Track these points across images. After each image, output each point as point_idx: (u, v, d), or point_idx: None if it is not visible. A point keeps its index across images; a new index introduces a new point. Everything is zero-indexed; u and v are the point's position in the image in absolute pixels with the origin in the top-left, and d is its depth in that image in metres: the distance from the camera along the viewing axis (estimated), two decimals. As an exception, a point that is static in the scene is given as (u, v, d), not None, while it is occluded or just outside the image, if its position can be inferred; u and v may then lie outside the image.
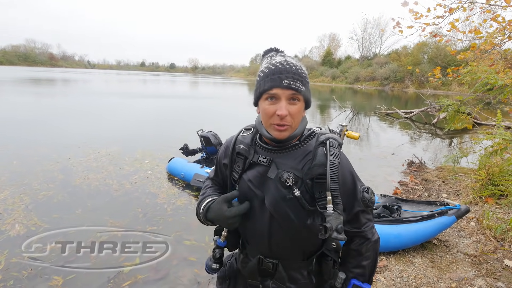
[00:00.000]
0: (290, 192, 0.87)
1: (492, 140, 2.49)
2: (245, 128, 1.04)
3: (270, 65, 0.85)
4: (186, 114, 11.32)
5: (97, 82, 31.40)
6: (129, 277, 2.34)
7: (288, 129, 0.85)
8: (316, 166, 0.85)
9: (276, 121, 0.83)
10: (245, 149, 0.96)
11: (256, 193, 0.92)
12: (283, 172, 0.88)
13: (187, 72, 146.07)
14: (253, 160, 0.94)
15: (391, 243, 2.57)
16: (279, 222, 0.90)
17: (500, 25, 3.99)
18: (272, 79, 0.82)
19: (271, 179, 0.90)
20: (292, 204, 0.87)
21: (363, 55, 55.58)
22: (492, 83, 2.47)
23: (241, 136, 1.01)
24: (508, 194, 3.15)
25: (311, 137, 0.94)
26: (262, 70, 0.87)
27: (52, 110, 10.39)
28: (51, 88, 20.11)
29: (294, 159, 0.90)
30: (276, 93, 0.81)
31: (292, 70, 0.82)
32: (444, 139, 8.76)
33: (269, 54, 0.91)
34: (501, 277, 2.30)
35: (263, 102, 0.85)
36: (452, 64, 12.68)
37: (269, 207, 0.90)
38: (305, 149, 0.91)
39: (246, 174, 0.95)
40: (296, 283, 0.96)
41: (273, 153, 0.92)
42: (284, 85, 0.80)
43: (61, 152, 5.46)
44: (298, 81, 0.82)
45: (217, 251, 1.03)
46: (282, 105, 0.81)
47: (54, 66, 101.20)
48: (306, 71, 0.87)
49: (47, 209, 3.36)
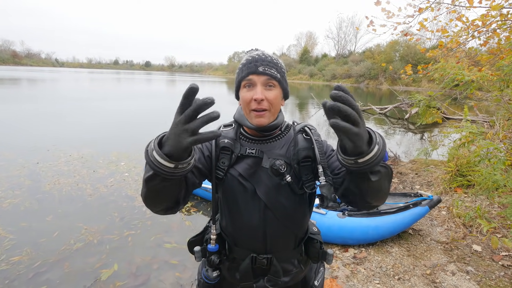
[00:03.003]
0: (282, 179, 0.91)
1: (460, 134, 2.64)
2: (223, 124, 1.02)
3: (249, 57, 0.91)
4: (163, 114, 11.01)
5: (66, 81, 29.74)
6: (107, 284, 2.24)
7: (267, 114, 0.88)
8: (300, 150, 0.93)
9: (254, 106, 0.86)
10: (230, 143, 0.94)
11: (246, 187, 0.92)
12: (275, 160, 0.92)
13: (164, 71, 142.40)
14: (241, 153, 0.94)
15: (370, 235, 2.65)
16: (273, 211, 0.92)
17: (465, 25, 4.23)
18: (249, 67, 0.87)
19: (263, 170, 0.92)
20: (284, 190, 0.92)
21: (339, 53, 57.03)
22: (459, 79, 2.61)
23: (221, 131, 0.96)
24: (475, 184, 3.36)
25: (289, 129, 1.01)
26: (241, 63, 0.92)
27: (16, 112, 9.69)
28: (15, 88, 18.77)
29: (280, 148, 0.95)
30: (252, 78, 0.86)
31: (267, 59, 0.88)
32: (416, 133, 9.20)
33: (249, 51, 0.96)
34: (470, 261, 2.45)
35: (242, 91, 0.90)
36: (422, 62, 13.30)
37: (263, 197, 0.92)
38: (287, 138, 0.98)
39: (233, 168, 0.93)
40: (289, 274, 0.99)
41: (259, 143, 0.95)
42: (259, 71, 0.86)
43: (28, 156, 5.11)
44: (273, 68, 0.88)
45: (213, 257, 0.97)
46: (258, 90, 0.86)
47: (18, 64, 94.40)
48: (283, 64, 0.93)
49: (13, 217, 3.13)
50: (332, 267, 2.41)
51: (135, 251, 2.68)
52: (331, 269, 2.40)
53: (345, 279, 2.27)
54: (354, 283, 2.22)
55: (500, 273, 2.27)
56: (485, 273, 2.29)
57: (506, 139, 3.62)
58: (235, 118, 1.00)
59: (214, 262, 0.97)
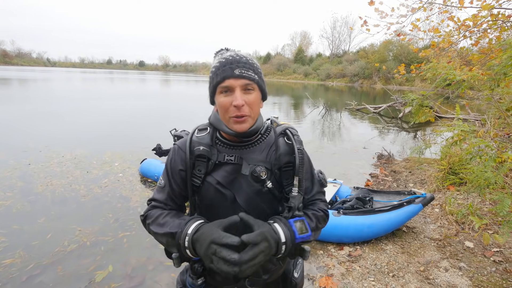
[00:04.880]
0: (263, 186, 0.89)
1: (452, 132, 2.67)
2: (197, 129, 0.96)
3: (221, 59, 0.84)
4: (157, 114, 10.93)
5: (58, 81, 29.31)
6: (101, 286, 2.22)
7: (248, 120, 0.83)
8: (281, 155, 0.90)
9: (234, 113, 0.81)
10: (206, 150, 0.89)
11: (225, 194, 0.89)
12: (255, 167, 0.88)
13: (158, 70, 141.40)
14: (219, 160, 0.89)
15: (364, 233, 2.68)
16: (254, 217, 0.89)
17: (456, 25, 4.30)
18: (224, 70, 0.81)
19: (242, 177, 0.89)
20: (265, 196, 0.90)
21: (333, 53, 57.31)
22: (451, 78, 2.65)
23: (195, 137, 0.93)
24: (467, 181, 3.42)
25: (269, 130, 0.97)
26: (213, 66, 0.85)
27: (7, 112, 9.52)
28: (6, 88, 18.44)
29: (261, 153, 0.91)
30: (230, 84, 0.80)
31: (242, 60, 0.82)
32: (410, 132, 9.30)
33: (220, 52, 0.90)
34: (463, 257, 2.49)
35: (218, 96, 0.84)
36: (415, 61, 13.46)
37: (243, 204, 0.89)
38: (267, 141, 0.94)
39: (211, 176, 0.90)
40: (269, 272, 0.98)
41: (239, 149, 0.91)
42: (236, 74, 0.80)
43: (19, 157, 5.02)
44: (250, 70, 0.82)
45: (196, 266, 0.95)
46: (237, 95, 0.80)
47: (8, 64, 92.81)
48: (258, 64, 0.88)
49: (5, 220, 3.08)
50: (327, 265, 2.43)
51: (130, 252, 2.66)
52: (327, 267, 2.41)
53: (341, 277, 2.29)
54: (349, 281, 2.24)
55: (492, 269, 2.31)
56: (477, 269, 2.33)
57: (497, 137, 3.69)
58: (211, 122, 0.93)
59: (198, 271, 0.95)
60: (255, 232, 0.76)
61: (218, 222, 0.80)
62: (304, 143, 0.97)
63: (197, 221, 0.83)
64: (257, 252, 0.74)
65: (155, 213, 0.93)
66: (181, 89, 27.95)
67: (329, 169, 5.13)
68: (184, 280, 1.02)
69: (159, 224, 0.89)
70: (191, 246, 0.79)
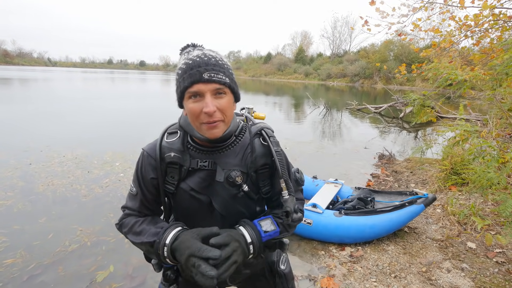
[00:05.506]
0: (239, 190, 0.87)
1: (454, 132, 2.66)
2: (167, 132, 0.91)
3: (188, 60, 0.76)
4: (158, 114, 10.94)
5: (59, 81, 29.35)
6: (102, 286, 2.21)
7: (220, 125, 0.78)
8: (257, 157, 0.89)
9: (205, 119, 0.76)
10: (178, 157, 0.85)
11: (201, 199, 0.88)
12: (230, 172, 0.85)
13: (158, 70, 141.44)
14: (192, 166, 0.85)
15: (366, 234, 2.67)
16: (230, 221, 0.89)
17: (458, 24, 4.29)
18: (191, 74, 0.73)
19: (217, 182, 0.86)
20: (241, 199, 0.89)
21: (334, 53, 57.29)
22: (453, 78, 2.64)
23: (165, 142, 0.89)
24: (469, 182, 3.41)
25: (244, 131, 0.92)
26: (179, 67, 0.78)
27: (8, 112, 9.53)
28: (6, 88, 18.46)
29: (235, 156, 0.88)
30: (198, 89, 0.74)
31: (211, 62, 0.75)
32: (411, 132, 9.29)
33: (186, 50, 0.83)
34: (465, 258, 2.48)
35: (187, 102, 0.77)
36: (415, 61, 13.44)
37: (219, 209, 0.88)
38: (242, 143, 0.90)
39: (184, 183, 0.87)
40: (250, 266, 0.97)
41: (212, 154, 0.86)
42: (205, 78, 0.73)
43: (20, 157, 5.02)
44: (220, 73, 0.75)
45: (169, 272, 0.94)
46: (208, 101, 0.73)
47: (9, 63, 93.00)
48: (228, 62, 0.81)
49: (6, 219, 3.08)
50: (329, 266, 2.43)
51: (131, 252, 2.65)
52: (328, 267, 2.41)
53: (342, 277, 2.29)
54: (351, 282, 2.23)
55: (494, 270, 2.30)
56: (480, 270, 2.32)
57: (499, 137, 3.68)
58: (182, 125, 0.88)
59: (171, 278, 0.94)
60: (222, 235, 0.78)
61: (196, 231, 0.79)
62: (305, 143, 0.97)
63: (175, 229, 0.82)
64: (229, 251, 0.75)
65: (129, 222, 0.89)
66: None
67: (330, 169, 5.12)
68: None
69: (135, 232, 0.87)
70: (170, 256, 0.79)
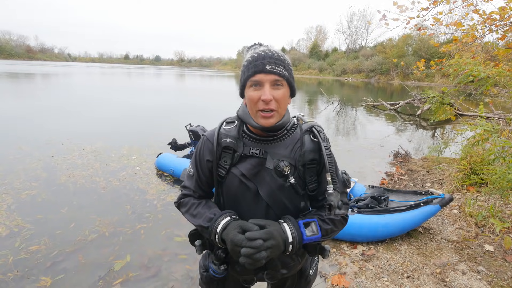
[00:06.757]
0: (286, 181, 0.91)
1: (474, 131, 2.57)
2: (226, 121, 1.00)
3: (254, 53, 0.86)
4: (173, 109, 11.12)
5: (79, 76, 30.28)
6: (120, 275, 2.31)
7: (275, 115, 0.85)
8: (306, 152, 0.92)
9: (261, 107, 0.83)
10: (233, 142, 0.93)
11: (249, 186, 0.93)
12: (279, 162, 0.90)
13: (173, 65, 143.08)
14: (244, 153, 0.92)
15: (379, 232, 2.64)
16: (275, 211, 0.93)
17: (482, 18, 4.09)
18: (255, 65, 0.83)
19: (266, 170, 0.91)
20: (287, 191, 0.92)
21: (349, 48, 56.01)
22: (475, 75, 2.54)
23: (223, 129, 0.97)
24: (489, 183, 3.29)
25: (295, 127, 0.98)
26: (245, 60, 0.88)
27: (32, 106, 9.96)
28: (30, 83, 19.24)
29: (285, 148, 0.93)
30: (260, 79, 0.82)
31: (274, 56, 0.84)
32: (428, 130, 9.01)
33: (253, 47, 0.93)
34: (482, 261, 2.42)
35: (248, 90, 0.86)
36: (435, 57, 12.94)
37: (265, 197, 0.92)
38: (292, 137, 0.95)
39: (236, 168, 0.93)
40: (287, 267, 1.00)
41: (264, 143, 0.93)
42: (266, 69, 0.81)
43: (43, 149, 5.27)
44: (281, 66, 0.84)
45: (219, 251, 0.98)
46: (266, 90, 0.82)
47: (32, 59, 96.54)
48: (289, 60, 0.89)
49: (30, 208, 3.26)
50: (340, 264, 2.43)
51: (147, 243, 2.75)
52: (339, 265, 2.41)
53: (353, 275, 2.28)
54: (362, 280, 2.23)
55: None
56: (497, 274, 2.26)
57: (523, 137, 3.52)
58: (239, 115, 0.96)
59: (221, 257, 0.98)
60: (262, 231, 0.82)
61: (240, 223, 0.87)
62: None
63: (224, 219, 0.90)
64: (266, 245, 0.80)
65: (187, 202, 1.01)
66: (196, 84, 28.21)
67: (344, 166, 5.04)
68: (206, 265, 1.06)
69: (192, 214, 0.98)
70: (221, 241, 0.89)
